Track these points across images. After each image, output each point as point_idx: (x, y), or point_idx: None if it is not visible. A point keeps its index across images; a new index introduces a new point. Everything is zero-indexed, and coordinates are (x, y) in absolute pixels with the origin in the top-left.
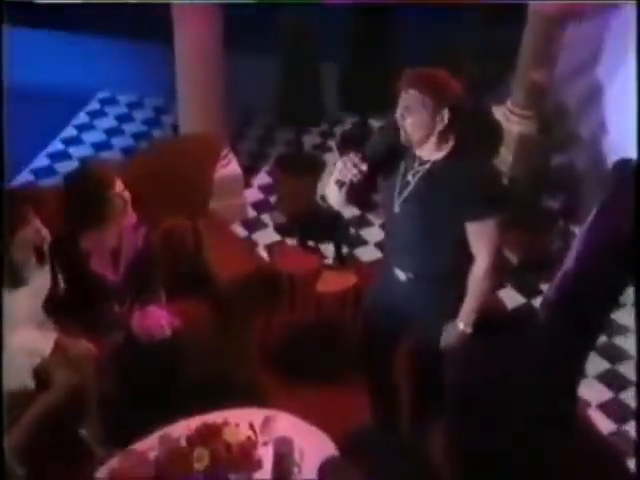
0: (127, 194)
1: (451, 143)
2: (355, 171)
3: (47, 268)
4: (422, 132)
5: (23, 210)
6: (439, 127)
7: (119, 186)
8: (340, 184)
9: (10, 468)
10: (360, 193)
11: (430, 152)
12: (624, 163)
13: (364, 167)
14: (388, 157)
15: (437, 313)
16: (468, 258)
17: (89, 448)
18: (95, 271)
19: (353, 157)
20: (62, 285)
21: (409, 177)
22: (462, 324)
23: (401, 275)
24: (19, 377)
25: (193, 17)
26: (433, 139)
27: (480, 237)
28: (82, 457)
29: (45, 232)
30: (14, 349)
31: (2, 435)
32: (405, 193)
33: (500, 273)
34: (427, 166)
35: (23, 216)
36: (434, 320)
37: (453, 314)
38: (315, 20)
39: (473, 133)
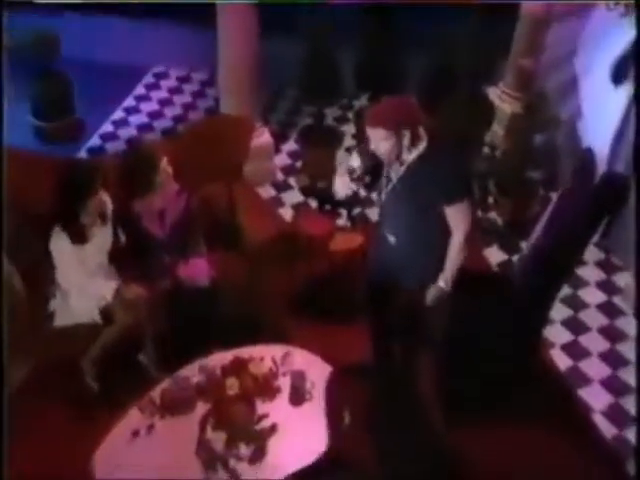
0: (170, 169)
1: (422, 145)
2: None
3: (109, 228)
4: (393, 154)
5: (93, 184)
6: (405, 145)
7: (164, 162)
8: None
9: (87, 385)
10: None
11: (405, 156)
12: (588, 152)
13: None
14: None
15: (415, 272)
16: (441, 233)
17: (146, 371)
18: (146, 229)
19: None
20: (122, 241)
21: (392, 174)
22: (443, 284)
23: (391, 238)
24: (89, 315)
25: (233, 7)
26: (405, 150)
27: (456, 216)
28: (141, 378)
29: (108, 200)
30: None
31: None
32: (390, 187)
33: (471, 243)
34: (404, 167)
35: (93, 189)
36: (414, 277)
37: (429, 274)
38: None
39: (444, 132)
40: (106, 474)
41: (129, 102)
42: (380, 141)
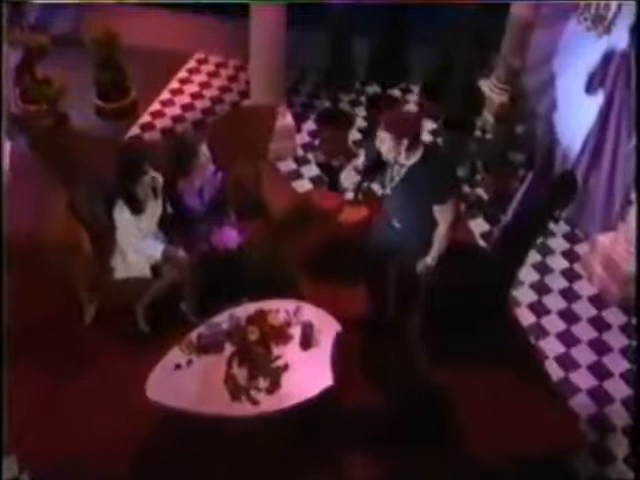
0: (208, 153)
1: (419, 152)
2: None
3: (159, 201)
4: (391, 155)
5: (143, 165)
6: (402, 150)
7: (203, 148)
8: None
9: (140, 326)
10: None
11: (405, 159)
12: (551, 144)
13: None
14: (380, 161)
15: (412, 249)
16: (432, 222)
17: (186, 317)
18: (187, 203)
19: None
20: (169, 212)
21: (394, 173)
22: (430, 260)
23: (396, 224)
24: (142, 270)
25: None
26: (402, 154)
27: (442, 213)
28: (182, 323)
29: (158, 177)
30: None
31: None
32: (393, 184)
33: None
34: (405, 169)
35: (142, 169)
36: (408, 254)
37: (422, 252)
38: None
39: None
40: (156, 397)
41: (174, 84)
42: (383, 141)
